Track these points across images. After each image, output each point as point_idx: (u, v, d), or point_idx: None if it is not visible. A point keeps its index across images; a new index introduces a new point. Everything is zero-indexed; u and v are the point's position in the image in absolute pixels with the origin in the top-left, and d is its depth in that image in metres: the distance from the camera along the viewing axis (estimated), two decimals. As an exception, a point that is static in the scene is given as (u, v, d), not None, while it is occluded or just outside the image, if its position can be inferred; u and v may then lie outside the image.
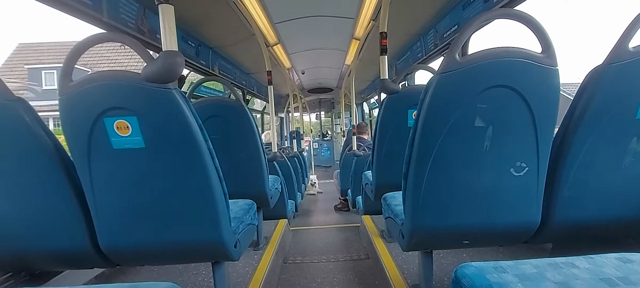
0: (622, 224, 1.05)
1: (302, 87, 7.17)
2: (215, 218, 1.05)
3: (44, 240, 1.10)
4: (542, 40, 0.89)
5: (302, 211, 4.30)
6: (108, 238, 1.07)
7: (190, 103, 0.96)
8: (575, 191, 1.00)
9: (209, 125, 1.48)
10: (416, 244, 1.15)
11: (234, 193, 1.39)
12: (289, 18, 3.01)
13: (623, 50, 0.88)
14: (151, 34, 2.19)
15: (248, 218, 1.41)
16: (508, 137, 0.93)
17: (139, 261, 1.36)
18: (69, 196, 1.03)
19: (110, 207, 1.03)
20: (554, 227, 1.05)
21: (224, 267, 1.29)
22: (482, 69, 0.88)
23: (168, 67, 0.88)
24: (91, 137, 0.94)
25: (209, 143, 1.00)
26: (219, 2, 2.48)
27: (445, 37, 2.80)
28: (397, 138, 1.73)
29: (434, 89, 0.91)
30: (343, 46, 3.97)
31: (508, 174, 0.96)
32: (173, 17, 0.94)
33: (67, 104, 0.93)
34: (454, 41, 0.90)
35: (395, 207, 1.30)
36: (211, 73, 3.41)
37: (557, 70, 0.88)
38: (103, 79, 0.91)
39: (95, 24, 1.76)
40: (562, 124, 1.00)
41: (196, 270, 1.81)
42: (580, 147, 0.96)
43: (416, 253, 1.36)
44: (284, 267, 2.17)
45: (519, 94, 0.88)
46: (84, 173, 0.99)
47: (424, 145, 0.96)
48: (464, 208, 1.02)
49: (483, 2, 2.13)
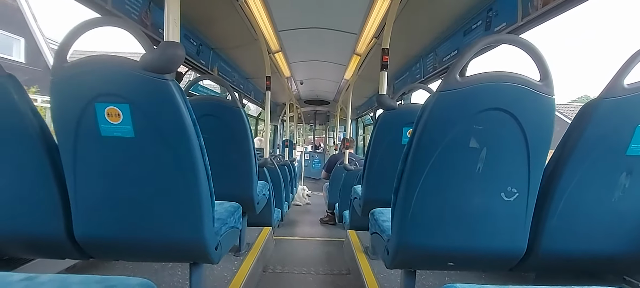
0: (605, 259, 1.06)
1: (299, 97, 7.20)
2: (198, 217, 1.02)
3: (16, 224, 1.05)
4: (541, 68, 0.90)
5: (288, 221, 4.25)
6: (84, 228, 1.02)
7: (186, 97, 0.94)
8: (563, 222, 1.00)
9: (203, 123, 1.46)
10: (400, 262, 1.14)
11: (220, 194, 1.36)
12: (293, 27, 3.04)
13: (618, 86, 0.90)
14: (154, 28, 2.18)
15: (232, 221, 1.37)
16: (501, 160, 0.93)
17: (114, 255, 1.31)
18: (48, 180, 0.99)
19: (90, 196, 0.99)
20: (539, 257, 1.05)
21: (201, 269, 1.25)
22: (480, 90, 0.88)
23: (168, 58, 0.87)
24: (80, 122, 0.91)
25: (201, 140, 0.98)
26: (225, 4, 2.49)
27: (445, 61, 2.85)
28: (390, 154, 1.73)
29: (432, 107, 0.92)
30: (344, 60, 4.01)
31: (498, 198, 0.96)
32: (178, 8, 0.93)
33: (58, 85, 0.91)
34: (455, 62, 0.91)
35: (383, 223, 1.29)
36: (210, 73, 3.40)
37: (554, 99, 0.90)
38: (99, 62, 0.89)
39: (98, 11, 1.75)
40: (554, 153, 1.01)
41: (172, 270, 1.75)
42: (570, 178, 0.96)
43: (398, 272, 1.34)
44: (263, 275, 2.12)
45: (514, 119, 0.89)
46: (67, 158, 0.95)
47: (417, 162, 0.96)
48: (451, 229, 1.01)
49: (484, 30, 2.18)
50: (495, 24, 2.02)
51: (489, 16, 2.10)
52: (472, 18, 2.32)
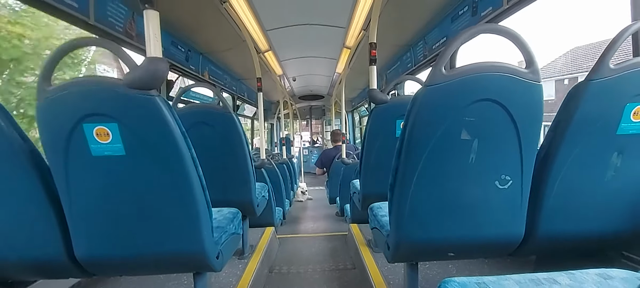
0: (602, 238, 1.07)
1: (293, 94, 7.18)
2: (196, 229, 1.02)
3: (16, 249, 1.05)
4: (527, 56, 0.90)
5: (290, 218, 4.26)
6: (84, 247, 1.03)
7: (173, 110, 0.93)
8: (558, 204, 1.02)
9: (195, 132, 1.46)
10: (401, 256, 1.15)
11: (219, 201, 1.36)
12: (281, 25, 3.02)
13: (604, 67, 0.90)
14: (139, 38, 2.16)
15: (232, 227, 1.38)
16: (493, 150, 0.94)
17: (116, 271, 1.31)
18: (44, 203, 0.99)
19: (87, 216, 0.99)
20: (538, 240, 1.06)
21: (206, 277, 1.26)
22: (467, 82, 0.89)
23: (151, 74, 0.86)
24: (69, 144, 0.90)
25: (192, 151, 0.98)
26: (210, 8, 2.47)
27: (434, 49, 2.85)
28: (385, 148, 1.74)
29: (421, 101, 0.92)
30: (334, 55, 4.00)
31: (493, 187, 0.97)
32: (158, 23, 0.92)
33: (45, 108, 0.90)
34: (441, 55, 0.90)
35: (382, 218, 1.30)
36: (201, 78, 3.38)
37: (541, 85, 0.90)
38: (83, 84, 0.88)
39: (81, 26, 1.73)
40: (545, 138, 1.02)
41: (177, 280, 1.76)
42: (563, 161, 0.97)
43: (402, 264, 1.36)
44: (270, 276, 2.13)
45: (504, 108, 0.89)
46: (60, 180, 0.95)
47: (410, 157, 0.96)
48: (449, 220, 1.02)
49: (471, 16, 2.17)
50: (481, 9, 2.02)
51: (474, 1, 2.09)
52: (459, 4, 2.32)
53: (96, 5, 1.77)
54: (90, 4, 1.73)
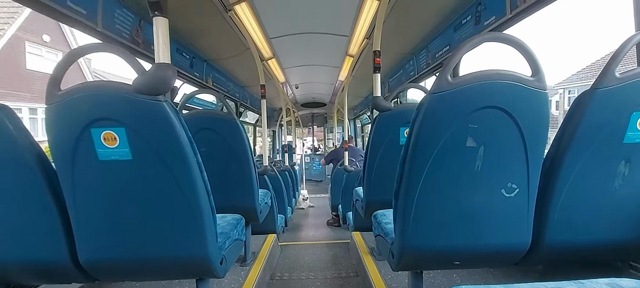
0: (610, 247, 1.06)
1: (296, 101, 7.20)
2: (201, 234, 1.02)
3: (20, 252, 1.05)
4: (532, 64, 0.91)
5: (292, 226, 4.24)
6: (88, 252, 1.03)
7: (180, 116, 0.94)
8: (566, 213, 1.01)
9: (200, 138, 1.46)
10: (406, 264, 1.14)
11: (222, 207, 1.36)
12: (284, 34, 3.05)
13: (610, 76, 0.90)
14: (146, 45, 2.18)
15: (235, 233, 1.37)
16: (499, 157, 0.94)
17: (119, 276, 1.31)
18: (50, 207, 0.99)
19: (92, 220, 0.99)
20: (545, 249, 1.05)
21: (208, 283, 1.25)
22: (473, 89, 0.89)
23: (159, 80, 0.87)
24: (77, 148, 0.91)
25: (198, 157, 0.98)
26: (215, 16, 2.50)
27: (437, 57, 2.86)
28: (389, 155, 1.73)
29: (426, 109, 0.92)
30: (337, 63, 4.02)
31: (499, 195, 0.96)
32: (167, 30, 0.93)
33: (54, 112, 0.91)
34: (446, 62, 0.91)
35: (386, 226, 1.29)
36: (205, 85, 3.40)
37: (547, 93, 0.90)
38: (92, 88, 0.89)
39: (89, 33, 1.75)
40: (551, 146, 1.02)
41: (179, 286, 1.75)
42: (570, 170, 0.97)
43: (406, 273, 1.34)
44: (271, 283, 2.11)
45: (509, 116, 0.89)
46: (66, 183, 0.95)
47: (415, 165, 0.96)
48: (454, 229, 1.01)
49: (474, 25, 2.19)
50: (484, 18, 2.03)
51: (478, 10, 2.11)
52: (462, 13, 2.33)
53: (104, 12, 1.79)
54: (98, 12, 1.76)
